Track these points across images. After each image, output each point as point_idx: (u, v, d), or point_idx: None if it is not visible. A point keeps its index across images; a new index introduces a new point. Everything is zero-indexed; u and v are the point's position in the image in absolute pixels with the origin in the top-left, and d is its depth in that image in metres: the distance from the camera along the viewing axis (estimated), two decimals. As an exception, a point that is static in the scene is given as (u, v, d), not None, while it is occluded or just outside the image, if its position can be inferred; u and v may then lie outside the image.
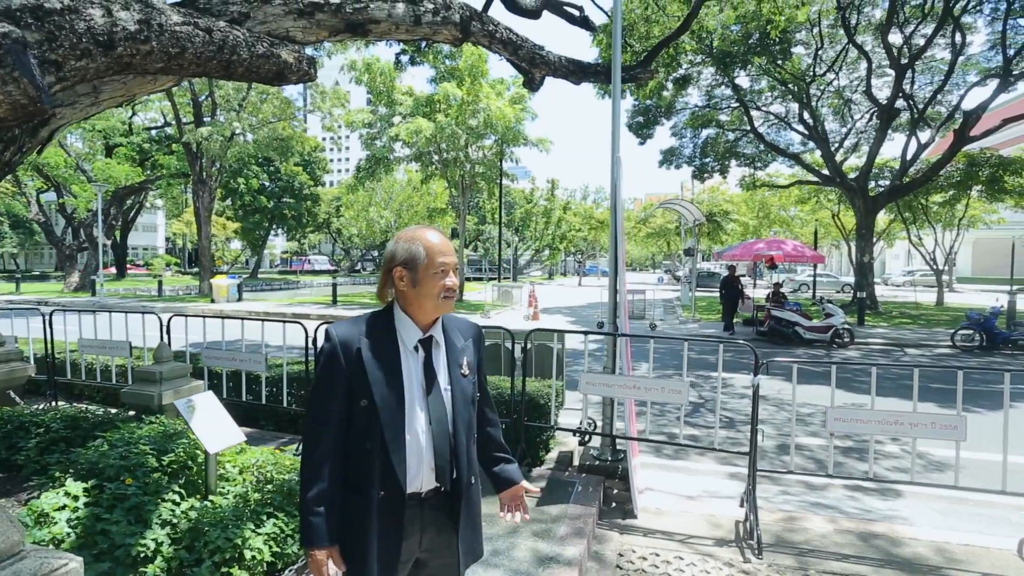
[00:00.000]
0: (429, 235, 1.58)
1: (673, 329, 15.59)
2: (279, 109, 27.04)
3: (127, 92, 3.65)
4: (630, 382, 3.74)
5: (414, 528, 1.57)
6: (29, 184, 27.84)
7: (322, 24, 4.71)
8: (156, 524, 2.21)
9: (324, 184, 58.23)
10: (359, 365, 1.52)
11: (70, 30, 2.54)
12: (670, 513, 3.88)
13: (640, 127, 22.88)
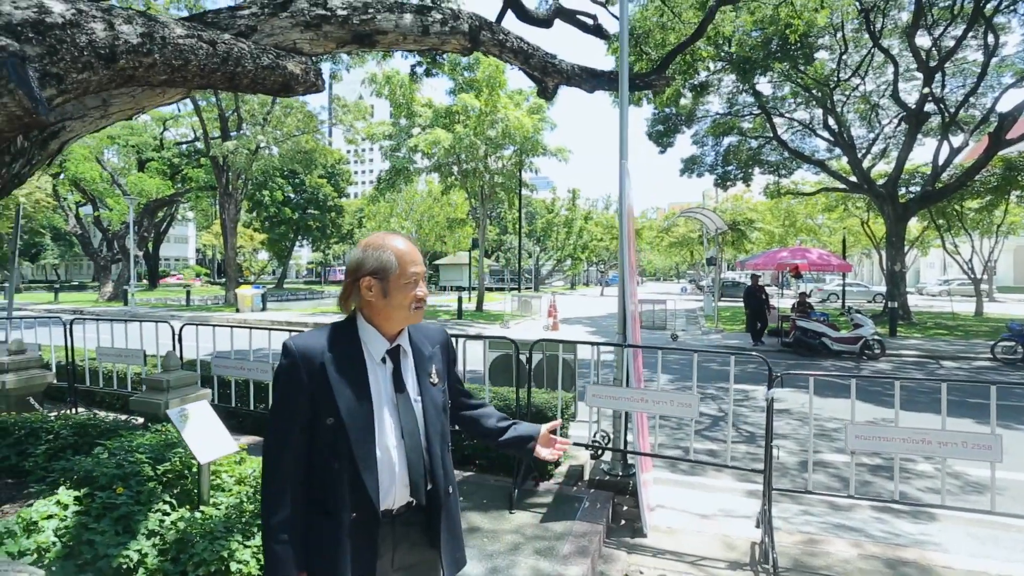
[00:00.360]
0: (398, 243, 1.50)
1: (695, 340, 15.26)
2: (302, 123, 27.65)
3: (136, 105, 3.71)
4: (638, 395, 3.61)
5: (386, 546, 1.48)
6: (68, 198, 28.95)
7: (329, 36, 4.76)
8: (143, 535, 2.18)
9: (348, 196, 59.35)
10: (323, 380, 1.42)
11: (71, 44, 2.57)
12: (682, 532, 3.72)
13: (660, 136, 22.68)
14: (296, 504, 1.42)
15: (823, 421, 6.93)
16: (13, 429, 3.70)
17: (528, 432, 1.75)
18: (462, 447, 4.70)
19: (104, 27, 2.78)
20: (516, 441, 1.75)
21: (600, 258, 60.27)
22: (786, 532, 3.75)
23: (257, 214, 47.40)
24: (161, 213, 34.43)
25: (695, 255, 44.65)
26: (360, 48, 5.32)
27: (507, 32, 6.92)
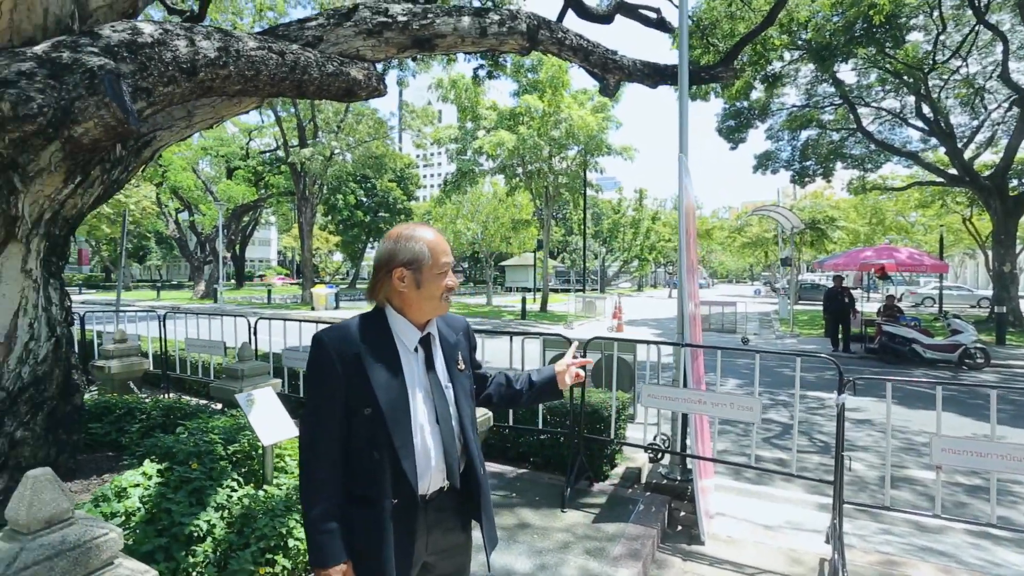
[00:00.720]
0: (428, 233, 1.51)
1: (768, 344, 14.47)
2: (373, 129, 28.88)
3: (216, 114, 4.00)
4: (695, 396, 3.47)
5: (421, 531, 1.50)
6: (169, 205, 31.80)
7: (390, 42, 4.93)
8: (212, 507, 2.35)
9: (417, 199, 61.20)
10: (359, 371, 1.43)
11: (159, 60, 2.81)
12: (743, 543, 3.53)
13: (731, 131, 21.71)
14: (336, 495, 1.44)
15: (911, 434, 6.37)
16: (114, 408, 4.11)
17: (547, 376, 1.77)
18: (517, 444, 4.72)
19: (186, 44, 3.03)
20: (542, 391, 1.78)
21: (668, 259, 58.53)
22: (861, 551, 3.47)
23: (332, 217, 49.84)
24: (247, 218, 37.06)
25: (770, 256, 42.36)
26: (420, 52, 5.47)
27: (566, 30, 6.87)
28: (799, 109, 21.57)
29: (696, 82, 8.49)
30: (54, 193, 2.77)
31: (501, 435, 4.75)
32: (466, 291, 51.71)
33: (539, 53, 7.53)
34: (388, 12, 4.83)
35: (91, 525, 1.53)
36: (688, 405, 3.50)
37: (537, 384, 1.77)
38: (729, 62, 8.41)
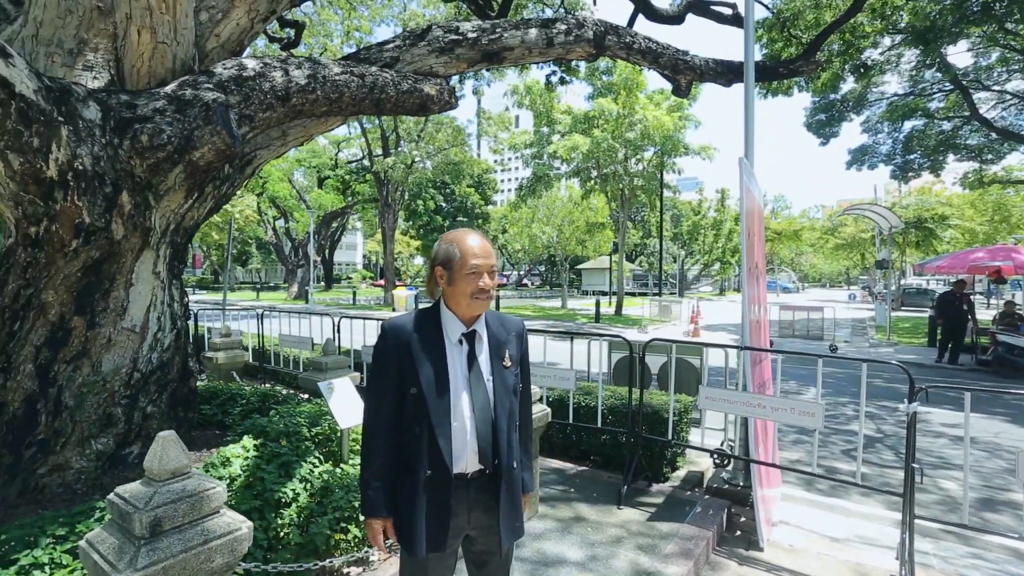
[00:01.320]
0: (467, 239, 1.70)
1: (859, 352, 13.45)
2: (451, 136, 29.89)
3: (307, 133, 4.48)
4: (755, 400, 3.43)
5: (461, 507, 1.70)
6: (268, 213, 34.76)
7: (461, 57, 5.24)
8: (297, 479, 2.70)
9: (494, 203, 62.53)
10: (408, 356, 1.67)
11: (259, 90, 3.25)
12: (805, 553, 3.44)
13: (822, 126, 20.39)
14: (386, 460, 1.70)
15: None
16: (220, 394, 4.70)
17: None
18: (580, 442, 4.84)
19: (281, 74, 3.46)
20: None
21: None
22: (940, 571, 3.27)
23: (412, 222, 52.08)
24: (335, 224, 39.64)
25: (867, 258, 39.05)
26: (489, 65, 5.75)
27: (634, 34, 6.91)
28: (901, 98, 19.84)
29: (774, 78, 8.17)
30: (177, 207, 3.28)
31: (565, 433, 4.89)
32: (542, 294, 51.98)
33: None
34: (459, 30, 5.13)
35: (203, 480, 1.87)
36: (747, 409, 3.47)
37: None
38: (810, 55, 8.01)
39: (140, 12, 2.95)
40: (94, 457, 3.04)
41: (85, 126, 2.61)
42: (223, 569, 1.83)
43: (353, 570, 2.63)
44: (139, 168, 2.82)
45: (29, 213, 2.58)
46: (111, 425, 3.10)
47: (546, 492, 4.03)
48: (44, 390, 2.84)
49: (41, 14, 3.01)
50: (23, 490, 2.79)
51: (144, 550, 1.65)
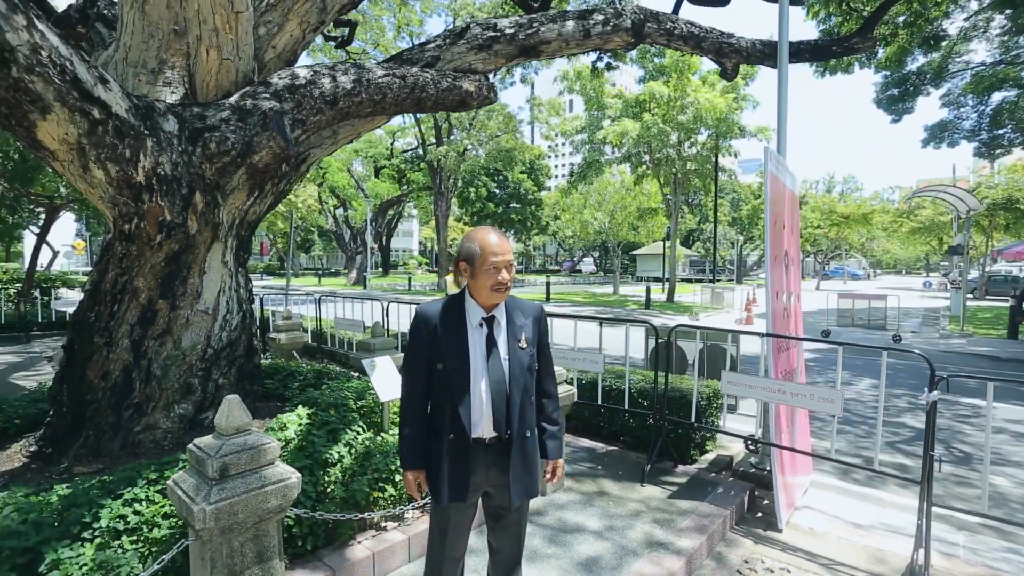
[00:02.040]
0: (488, 237, 1.95)
1: (927, 344, 12.73)
2: (503, 124, 30.07)
3: (355, 131, 4.85)
4: (775, 385, 3.51)
5: (479, 467, 1.99)
6: (328, 203, 36.37)
7: (499, 53, 5.45)
8: (343, 443, 3.07)
9: (548, 189, 62.32)
10: (435, 337, 1.97)
11: (310, 96, 3.62)
12: (824, 536, 3.51)
13: (893, 101, 19.05)
14: (419, 424, 2.02)
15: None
16: (282, 370, 5.22)
17: (546, 453, 2.16)
18: (611, 424, 5.03)
19: (329, 80, 3.81)
20: (543, 448, 2.16)
21: (818, 247, 52.76)
22: (965, 562, 3.27)
23: (466, 209, 52.85)
24: (391, 212, 40.91)
25: (945, 243, 36.21)
26: (527, 59, 5.92)
27: (675, 19, 6.87)
28: (989, 67, 18.21)
29: (827, 57, 7.83)
30: (241, 204, 3.72)
31: (598, 414, 5.09)
32: (596, 280, 51.64)
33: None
34: (496, 27, 5.33)
35: (261, 436, 2.24)
36: (768, 394, 3.55)
37: (543, 442, 2.16)
38: (867, 31, 7.64)
39: (208, 33, 3.36)
40: (177, 420, 3.55)
41: (165, 137, 3.05)
42: (277, 510, 2.20)
43: (389, 524, 2.99)
44: (209, 171, 3.24)
45: (123, 212, 3.06)
46: (190, 393, 3.60)
47: (574, 468, 4.27)
48: (137, 362, 3.35)
49: (129, 40, 3.48)
50: (123, 444, 3.32)
51: (215, 489, 2.03)
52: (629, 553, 3.03)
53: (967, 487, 4.66)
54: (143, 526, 2.29)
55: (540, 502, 3.67)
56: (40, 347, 10.01)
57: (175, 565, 2.26)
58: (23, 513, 2.24)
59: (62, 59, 2.45)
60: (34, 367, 8.14)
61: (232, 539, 2.10)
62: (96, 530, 2.24)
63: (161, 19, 3.52)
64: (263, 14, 3.98)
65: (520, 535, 2.17)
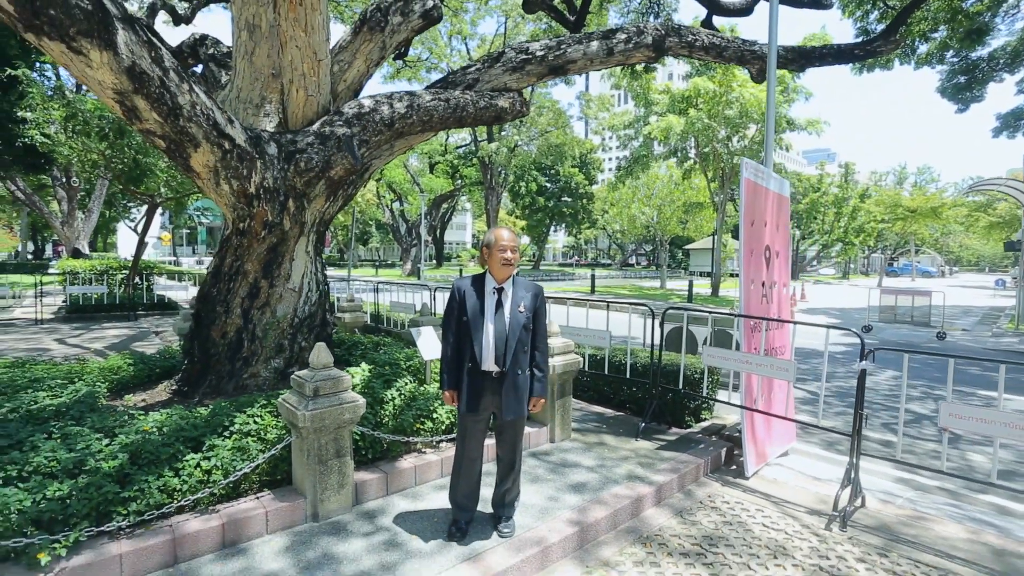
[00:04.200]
0: (500, 232, 2.92)
1: (975, 343, 12.58)
2: (552, 120, 30.81)
3: (407, 144, 5.86)
4: (743, 357, 4.22)
5: (486, 390, 2.94)
6: (385, 197, 38.31)
7: (530, 73, 6.33)
8: (395, 388, 4.07)
9: (599, 182, 62.36)
10: (463, 300, 2.95)
11: (372, 121, 4.63)
12: (784, 484, 4.21)
13: (959, 90, 18.30)
14: (451, 356, 2.98)
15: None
16: (346, 342, 6.34)
17: (533, 391, 3.03)
18: (619, 393, 5.84)
19: (387, 107, 4.81)
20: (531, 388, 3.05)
21: (884, 242, 50.26)
22: (896, 507, 3.89)
23: (517, 203, 53.87)
24: (445, 205, 42.45)
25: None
26: (555, 77, 6.74)
27: (696, 32, 7.52)
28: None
29: (849, 60, 8.13)
30: (320, 207, 4.78)
31: (608, 386, 5.91)
32: (647, 274, 51.47)
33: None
34: (528, 50, 6.18)
35: (340, 372, 3.26)
36: (739, 364, 4.27)
37: (532, 387, 3.03)
38: (891, 33, 7.93)
39: (297, 76, 4.42)
40: (272, 371, 4.67)
41: (269, 159, 4.13)
42: (349, 422, 3.21)
43: (428, 450, 3.97)
44: (299, 183, 4.31)
45: (240, 215, 4.17)
46: (281, 352, 4.71)
47: (582, 427, 5.12)
48: (246, 326, 4.49)
49: (240, 82, 4.61)
50: (235, 387, 4.47)
51: (310, 402, 3.06)
52: (611, 482, 3.87)
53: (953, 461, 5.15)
54: (260, 431, 3.36)
55: (548, 447, 4.56)
56: (146, 324, 11.79)
57: (281, 456, 3.32)
58: (184, 420, 3.36)
59: (208, 109, 3.54)
60: (146, 339, 9.77)
61: (320, 437, 3.12)
62: (232, 431, 3.32)
63: (263, 66, 4.62)
64: (337, 55, 5.03)
65: (516, 445, 3.09)
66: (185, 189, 13.48)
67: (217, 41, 6.46)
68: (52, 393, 3.85)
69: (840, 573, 2.97)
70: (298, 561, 2.78)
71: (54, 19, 2.70)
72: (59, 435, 3.09)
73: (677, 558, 3.09)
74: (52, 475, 2.71)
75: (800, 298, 23.24)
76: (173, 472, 2.95)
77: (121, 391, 4.70)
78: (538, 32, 22.76)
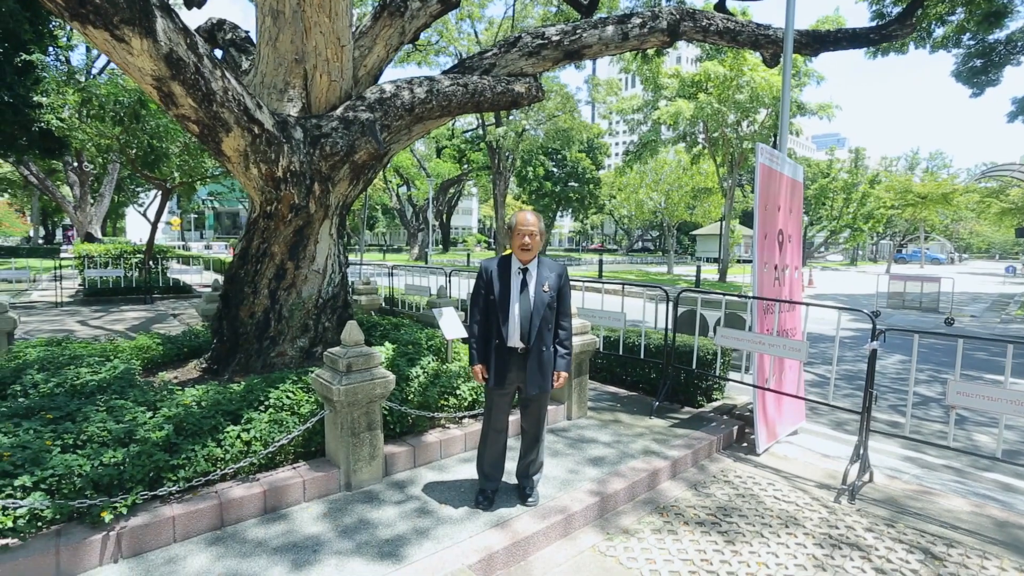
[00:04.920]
0: (523, 215, 3.03)
1: (983, 328, 12.63)
2: (561, 104, 30.54)
3: (425, 129, 5.94)
4: (756, 338, 4.34)
5: (512, 365, 3.07)
6: (392, 181, 38.32)
7: (546, 58, 6.36)
8: (418, 366, 4.22)
9: (607, 168, 61.99)
10: (490, 279, 3.08)
11: (393, 106, 4.72)
12: (794, 461, 4.36)
13: (975, 74, 18.03)
14: (479, 334, 3.11)
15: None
16: (366, 323, 6.49)
17: (556, 366, 3.14)
18: (634, 374, 5.97)
19: (408, 92, 4.89)
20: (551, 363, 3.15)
21: (894, 229, 49.87)
22: (903, 483, 4.02)
23: (524, 188, 53.69)
24: (452, 190, 42.43)
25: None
26: (570, 62, 6.76)
27: (711, 16, 7.51)
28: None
29: (864, 44, 8.09)
30: (344, 191, 4.90)
31: (622, 367, 6.04)
32: (654, 260, 51.40)
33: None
34: (544, 35, 6.22)
35: (371, 349, 3.40)
36: (751, 345, 4.39)
37: (556, 362, 3.14)
38: (906, 18, 7.89)
39: (321, 62, 4.50)
40: (298, 350, 4.83)
41: (296, 143, 4.24)
42: (379, 396, 3.36)
43: (452, 425, 4.13)
44: (324, 167, 4.42)
45: (267, 198, 4.29)
46: (307, 331, 4.87)
47: (597, 406, 5.27)
48: (273, 306, 4.64)
49: (264, 68, 4.70)
50: (263, 365, 4.63)
51: (343, 377, 3.21)
52: (628, 456, 4.02)
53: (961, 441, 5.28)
54: (294, 405, 3.52)
55: (566, 423, 4.71)
56: (163, 307, 12.00)
57: (314, 429, 3.48)
58: (221, 395, 3.52)
59: (239, 95, 3.65)
60: (164, 321, 9.98)
61: (353, 411, 3.28)
62: (267, 405, 3.48)
63: (287, 52, 4.70)
64: (357, 40, 5.10)
65: (540, 419, 3.23)
66: (197, 174, 13.60)
67: (235, 26, 6.52)
68: (92, 370, 4.02)
69: (849, 541, 3.12)
70: (336, 526, 2.95)
71: (99, 7, 2.80)
72: (105, 408, 3.26)
73: (693, 526, 3.24)
74: (105, 444, 2.88)
75: (808, 284, 23.26)
76: (215, 443, 3.12)
77: (153, 369, 4.88)
78: (547, 15, 22.55)
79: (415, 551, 2.73)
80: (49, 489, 2.57)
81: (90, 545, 2.51)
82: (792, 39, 5.41)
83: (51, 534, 2.52)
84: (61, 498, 2.56)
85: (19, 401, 3.37)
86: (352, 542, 2.79)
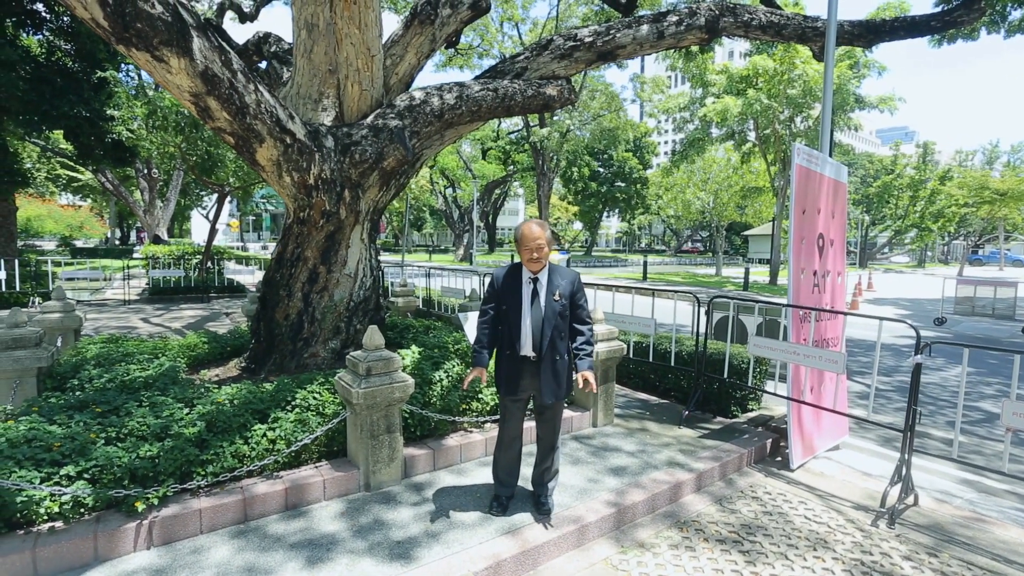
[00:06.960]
0: (529, 228, 3.00)
1: (1065, 338, 11.55)
2: (605, 104, 30.23)
3: (457, 134, 6.01)
4: (791, 348, 4.14)
5: (525, 373, 3.06)
6: (439, 183, 38.96)
7: (579, 59, 6.32)
8: (442, 370, 4.28)
9: (654, 167, 60.76)
10: (501, 289, 3.08)
11: (423, 113, 4.80)
12: (831, 478, 4.13)
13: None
14: (485, 340, 3.12)
15: None
16: (399, 325, 6.63)
17: (577, 367, 3.07)
18: (664, 382, 5.84)
19: (437, 99, 4.97)
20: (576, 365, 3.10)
21: (968, 228, 46.41)
22: (953, 508, 3.74)
23: (569, 188, 53.41)
24: (497, 191, 42.70)
25: None
26: (604, 63, 6.67)
27: (753, 11, 7.25)
28: None
29: (924, 32, 7.57)
30: (374, 197, 5.03)
31: (653, 373, 5.92)
32: (703, 261, 50.01)
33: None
34: (576, 37, 6.17)
35: (390, 353, 3.47)
36: (786, 355, 4.20)
37: (576, 362, 3.09)
38: (974, 1, 7.30)
39: (353, 72, 4.64)
40: (330, 352, 4.99)
41: (327, 151, 4.38)
42: (399, 400, 3.42)
43: (473, 429, 4.16)
44: (354, 174, 4.55)
45: (300, 205, 4.46)
46: (338, 334, 5.02)
47: (627, 413, 5.18)
48: (306, 308, 4.81)
49: (300, 79, 4.89)
50: (297, 365, 4.82)
51: (363, 381, 3.29)
52: (651, 467, 3.93)
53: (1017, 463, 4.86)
54: (319, 406, 3.65)
55: (591, 431, 4.65)
56: (218, 306, 12.67)
57: (337, 429, 3.59)
58: (252, 394, 3.68)
59: (271, 107, 3.81)
60: (217, 320, 10.53)
61: (372, 414, 3.36)
62: (294, 405, 3.62)
63: (321, 63, 4.87)
64: (388, 49, 5.22)
65: (555, 427, 3.21)
66: (252, 178, 14.29)
67: (279, 39, 6.81)
68: (141, 367, 4.30)
69: (883, 569, 2.93)
70: (352, 525, 3.03)
71: (141, 31, 2.99)
72: (147, 403, 3.48)
73: (713, 544, 3.13)
74: (143, 437, 3.08)
75: (867, 288, 22.00)
76: (243, 440, 3.27)
77: (198, 366, 5.16)
78: (590, 14, 22.32)
79: (424, 554, 2.77)
80: (91, 478, 2.77)
81: (125, 532, 2.69)
82: (838, 32, 5.13)
83: (91, 520, 2.72)
84: (101, 487, 2.75)
85: (76, 395, 3.64)
86: (365, 542, 2.87)
